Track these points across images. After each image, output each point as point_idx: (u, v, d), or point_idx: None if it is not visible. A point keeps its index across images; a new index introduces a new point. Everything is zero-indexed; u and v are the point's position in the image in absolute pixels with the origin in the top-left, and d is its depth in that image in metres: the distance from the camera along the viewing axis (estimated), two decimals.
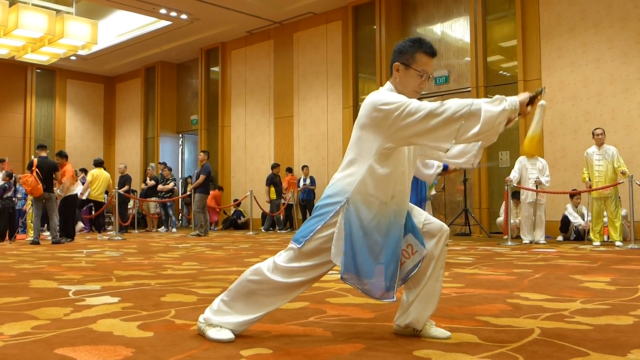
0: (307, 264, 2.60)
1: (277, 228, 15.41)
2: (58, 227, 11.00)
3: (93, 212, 13.75)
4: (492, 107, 2.37)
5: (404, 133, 2.50)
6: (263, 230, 15.46)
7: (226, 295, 2.73)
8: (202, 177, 13.24)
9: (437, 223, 2.74)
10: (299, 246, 2.60)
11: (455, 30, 13.52)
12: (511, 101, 2.38)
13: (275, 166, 15.46)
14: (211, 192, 15.27)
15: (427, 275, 2.68)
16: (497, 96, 2.40)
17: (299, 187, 15.25)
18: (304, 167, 15.28)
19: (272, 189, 15.28)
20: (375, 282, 2.54)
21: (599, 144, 9.70)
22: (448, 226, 2.88)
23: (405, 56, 2.67)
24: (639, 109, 10.72)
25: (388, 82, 2.75)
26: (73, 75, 21.49)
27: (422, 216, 2.76)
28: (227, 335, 2.65)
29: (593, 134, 9.79)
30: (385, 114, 2.50)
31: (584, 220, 10.62)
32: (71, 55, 17.90)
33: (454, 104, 2.41)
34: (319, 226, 2.57)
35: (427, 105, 2.46)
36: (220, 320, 2.69)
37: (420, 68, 2.65)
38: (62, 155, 11.75)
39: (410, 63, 2.65)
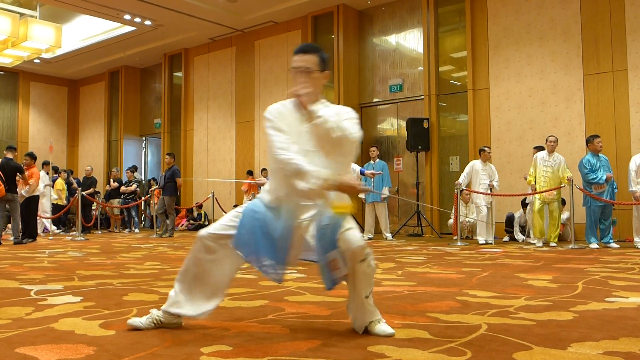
0: None
1: None
2: (21, 227, 11.06)
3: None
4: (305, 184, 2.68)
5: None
6: None
7: None
8: (178, 181, 13.54)
9: (348, 241, 2.69)
10: None
11: (409, 41, 13.95)
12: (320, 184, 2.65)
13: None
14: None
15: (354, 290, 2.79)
16: (317, 179, 2.66)
17: (259, 189, 15.61)
18: (263, 170, 15.62)
19: None
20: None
21: (550, 151, 9.94)
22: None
23: None
24: (579, 117, 11.34)
25: None
26: (37, 78, 21.42)
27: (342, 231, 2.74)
28: None
29: (546, 140, 10.03)
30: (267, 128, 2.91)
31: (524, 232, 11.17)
32: (35, 58, 17.95)
33: (290, 167, 2.73)
34: None
35: (283, 153, 2.81)
36: None
37: (292, 66, 2.91)
38: (32, 156, 11.94)
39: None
